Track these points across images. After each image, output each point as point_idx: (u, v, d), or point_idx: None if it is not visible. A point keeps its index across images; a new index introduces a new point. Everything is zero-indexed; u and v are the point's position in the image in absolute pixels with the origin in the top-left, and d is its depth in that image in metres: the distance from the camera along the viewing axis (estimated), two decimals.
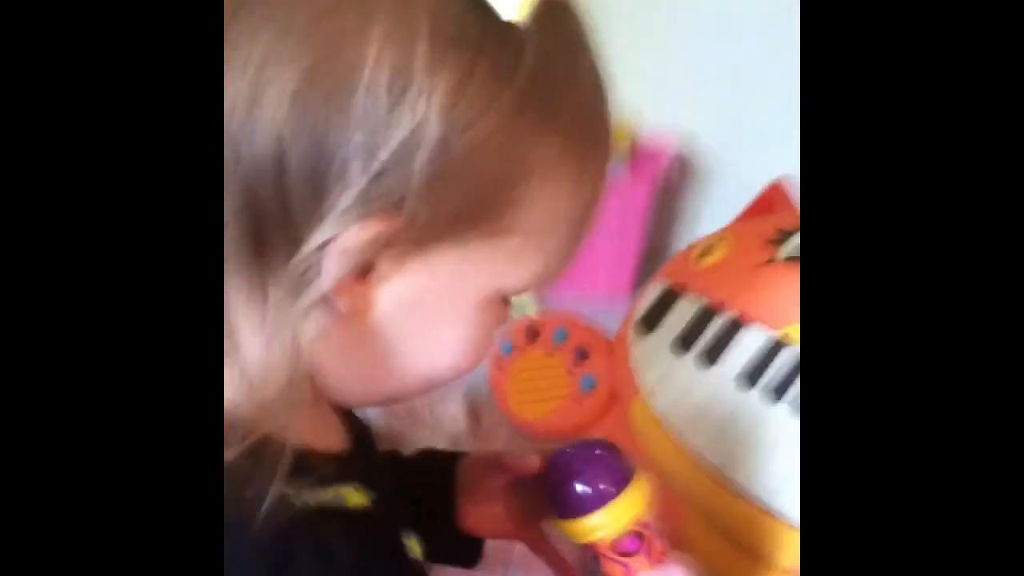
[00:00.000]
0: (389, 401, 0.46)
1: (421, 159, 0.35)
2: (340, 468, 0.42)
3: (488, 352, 0.44)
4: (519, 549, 0.56)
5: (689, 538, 0.62)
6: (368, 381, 0.43)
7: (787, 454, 0.60)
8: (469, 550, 0.55)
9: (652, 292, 0.73)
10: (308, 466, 0.39)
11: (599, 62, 0.40)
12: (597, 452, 0.49)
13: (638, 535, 0.50)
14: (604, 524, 0.49)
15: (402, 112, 0.35)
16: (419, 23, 0.35)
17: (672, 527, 0.59)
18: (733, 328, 0.66)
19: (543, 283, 0.43)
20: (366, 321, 0.40)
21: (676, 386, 0.66)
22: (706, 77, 1.18)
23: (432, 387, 0.44)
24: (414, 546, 0.45)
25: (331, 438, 0.44)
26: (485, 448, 1.21)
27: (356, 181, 0.35)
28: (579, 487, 0.49)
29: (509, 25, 0.36)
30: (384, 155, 0.35)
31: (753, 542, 0.59)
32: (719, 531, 0.61)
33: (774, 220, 0.70)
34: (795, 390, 0.61)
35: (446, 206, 0.37)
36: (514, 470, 0.52)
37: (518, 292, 0.42)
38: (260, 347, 0.38)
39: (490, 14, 0.36)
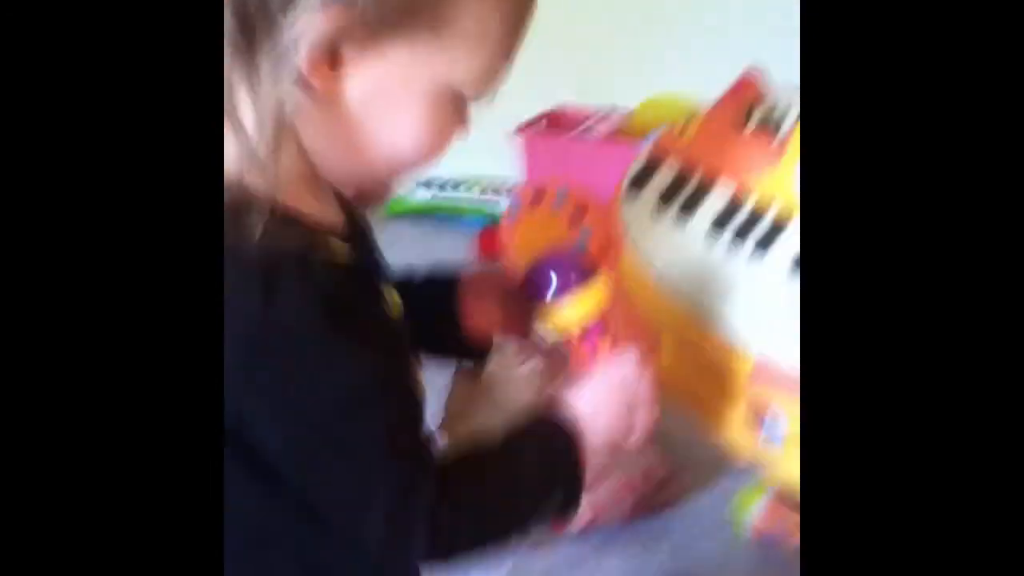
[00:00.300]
0: (369, 183, 0.58)
1: None
2: (332, 230, 0.54)
3: (447, 143, 0.56)
4: None
5: (662, 356, 0.76)
6: (345, 158, 0.55)
7: (745, 291, 0.74)
8: (475, 346, 0.69)
9: (640, 160, 0.86)
10: (301, 219, 0.52)
11: None
12: (567, 256, 0.64)
13: (602, 322, 0.63)
14: (573, 310, 0.62)
15: None
16: None
17: (650, 347, 0.74)
18: (704, 186, 0.79)
19: (487, 85, 0.55)
20: (339, 105, 0.53)
21: (657, 235, 0.80)
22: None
23: (401, 169, 0.57)
24: (394, 300, 0.57)
25: (330, 214, 0.56)
26: None
27: None
28: (554, 281, 0.62)
29: None
30: None
31: (711, 361, 0.73)
32: (686, 352, 0.75)
33: (740, 100, 0.83)
34: (755, 234, 0.75)
35: (390, 1, 0.50)
36: (507, 277, 0.66)
37: (466, 89, 0.54)
38: (254, 116, 0.50)
39: None
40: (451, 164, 0.64)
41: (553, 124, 1.63)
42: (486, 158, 0.80)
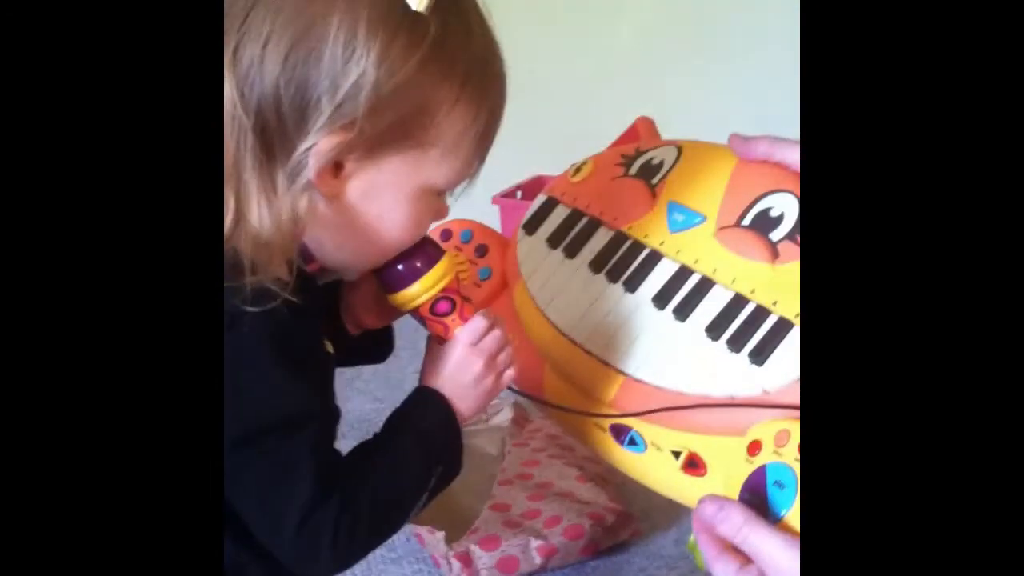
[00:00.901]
0: (355, 263, 0.68)
1: (363, 95, 0.59)
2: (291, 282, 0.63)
3: (427, 228, 0.68)
4: None
5: (548, 382, 0.82)
6: (341, 246, 0.66)
7: (617, 321, 0.80)
8: (375, 347, 0.80)
9: (536, 202, 0.92)
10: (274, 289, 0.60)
11: (489, 32, 0.65)
12: (413, 248, 0.69)
13: (449, 300, 0.70)
14: (420, 291, 0.69)
15: (351, 66, 0.59)
16: (361, 10, 0.58)
17: (536, 375, 0.80)
18: (590, 227, 0.86)
19: (463, 180, 0.67)
20: (341, 204, 0.63)
21: (545, 273, 0.86)
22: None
23: (384, 255, 0.68)
24: (329, 345, 0.67)
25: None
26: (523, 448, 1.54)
27: (326, 110, 0.59)
28: (399, 267, 0.69)
29: (418, 12, 0.60)
30: (341, 93, 0.59)
31: (587, 382, 0.79)
32: (566, 376, 0.81)
33: (627, 147, 0.90)
34: (629, 272, 0.81)
35: (382, 125, 0.61)
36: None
37: (445, 186, 0.66)
38: (271, 216, 0.60)
39: (407, 5, 0.60)
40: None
41: (527, 191, 2.08)
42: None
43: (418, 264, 0.69)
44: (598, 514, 1.37)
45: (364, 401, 1.71)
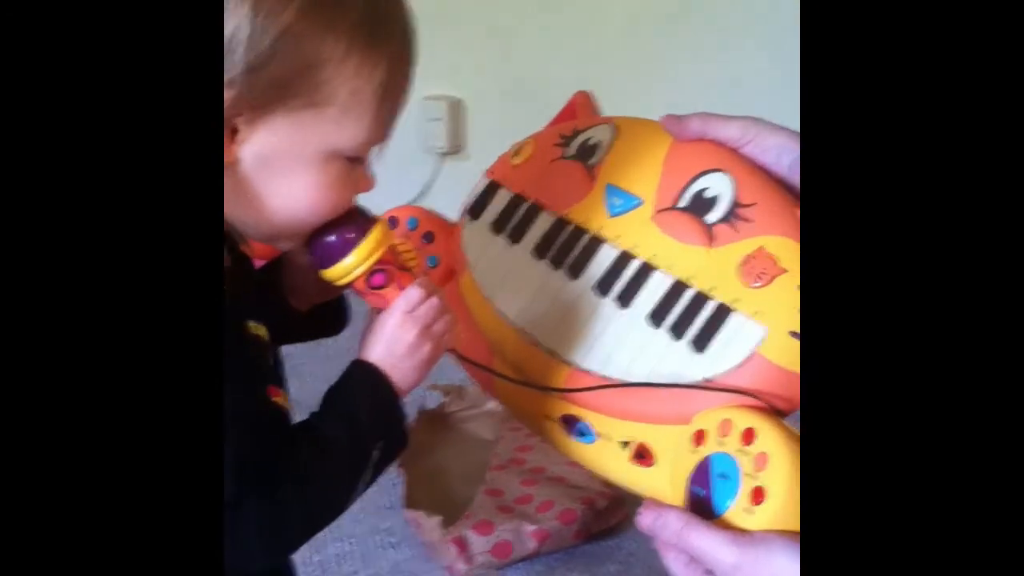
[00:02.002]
0: (271, 234, 0.65)
1: (240, 50, 0.56)
2: None
3: (345, 202, 0.65)
4: None
5: (495, 372, 0.82)
6: (250, 220, 0.63)
7: (562, 310, 0.80)
8: (328, 320, 0.78)
9: (479, 186, 0.91)
10: None
11: None
12: (343, 219, 0.65)
13: (383, 271, 0.67)
14: (354, 264, 0.65)
15: (227, 21, 0.55)
16: None
17: (484, 362, 0.79)
18: (531, 213, 0.85)
19: (373, 144, 0.63)
20: (239, 171, 0.60)
21: (491, 260, 0.86)
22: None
23: (303, 226, 0.64)
24: (260, 329, 0.65)
25: None
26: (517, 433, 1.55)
27: None
28: (328, 239, 0.65)
29: None
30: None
31: (535, 373, 0.79)
32: (515, 367, 0.81)
33: (565, 126, 0.89)
34: (571, 258, 0.81)
35: (264, 81, 0.57)
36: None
37: (353, 151, 0.62)
38: None
39: None
40: None
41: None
42: None
43: (349, 236, 0.65)
44: (590, 498, 1.39)
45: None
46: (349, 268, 0.66)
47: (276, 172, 0.61)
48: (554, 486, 1.41)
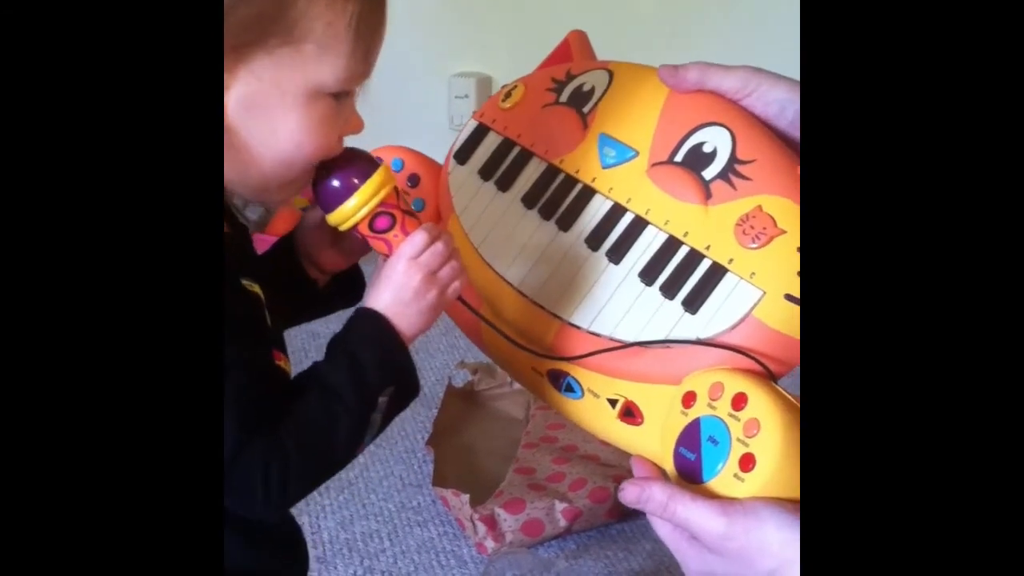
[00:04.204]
0: (262, 183, 0.64)
1: None
2: None
3: (334, 143, 0.64)
4: None
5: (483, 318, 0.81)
6: (238, 165, 0.62)
7: (552, 263, 0.78)
8: (345, 291, 0.78)
9: (467, 129, 0.89)
10: None
11: None
12: (340, 157, 0.66)
13: (388, 215, 0.66)
14: (357, 206, 0.65)
15: None
16: None
17: (473, 305, 0.78)
18: (522, 159, 0.83)
19: (356, 79, 0.63)
20: (229, 122, 0.59)
21: (479, 207, 0.84)
22: None
23: (292, 170, 0.64)
24: (255, 287, 0.64)
25: None
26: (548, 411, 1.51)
27: None
28: (331, 183, 0.65)
29: None
30: None
31: (523, 326, 0.78)
32: (503, 318, 0.80)
33: (558, 69, 0.86)
34: (562, 209, 0.79)
35: (239, 22, 0.57)
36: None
37: (336, 86, 0.62)
38: None
39: None
40: None
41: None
42: None
43: (353, 179, 0.65)
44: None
45: None
46: (352, 211, 0.66)
47: (261, 116, 0.61)
48: (586, 464, 1.39)
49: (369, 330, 0.66)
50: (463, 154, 0.87)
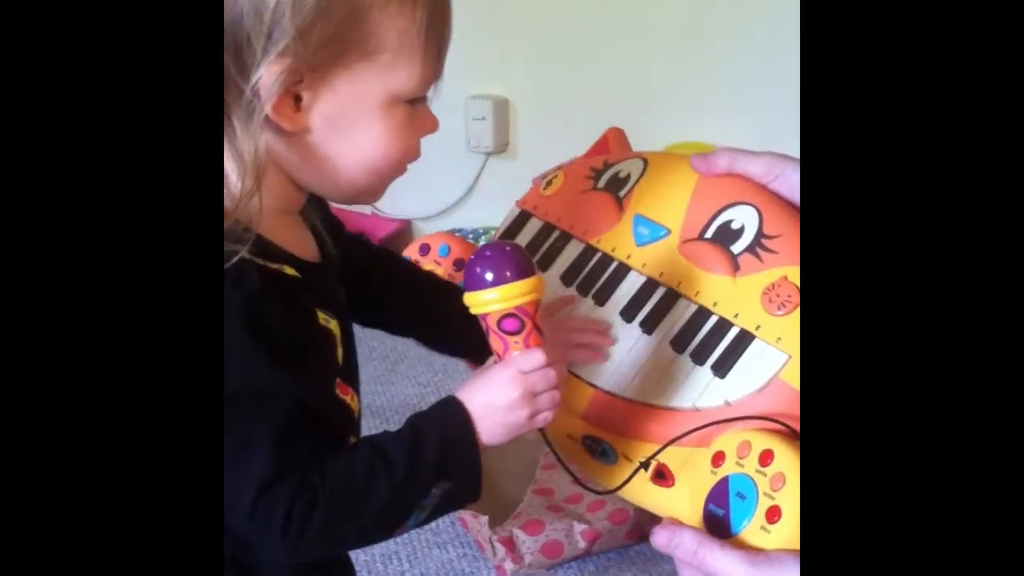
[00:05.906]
0: (355, 192, 0.68)
1: (287, 17, 0.59)
2: (292, 257, 0.65)
3: (415, 146, 0.67)
4: None
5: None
6: (328, 179, 0.66)
7: None
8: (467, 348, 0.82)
9: (510, 215, 0.94)
10: (270, 250, 0.62)
11: None
12: (505, 248, 0.67)
13: (519, 319, 0.65)
14: (492, 300, 0.65)
15: None
16: None
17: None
18: (561, 241, 0.88)
19: (428, 82, 0.66)
20: (311, 138, 0.64)
21: None
22: None
23: (379, 177, 0.67)
24: (331, 323, 0.66)
25: (297, 246, 0.67)
26: None
27: (257, 43, 0.59)
28: (479, 267, 0.65)
29: None
30: (267, 21, 0.59)
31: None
32: None
33: (596, 160, 0.91)
34: (598, 285, 0.83)
35: (317, 42, 0.60)
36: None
37: (411, 92, 0.64)
38: (236, 166, 0.61)
39: None
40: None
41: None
42: None
43: (505, 272, 0.65)
44: None
45: (408, 386, 1.75)
46: (487, 301, 0.66)
47: (345, 130, 0.64)
48: None
49: (448, 419, 0.65)
50: (506, 238, 0.92)
